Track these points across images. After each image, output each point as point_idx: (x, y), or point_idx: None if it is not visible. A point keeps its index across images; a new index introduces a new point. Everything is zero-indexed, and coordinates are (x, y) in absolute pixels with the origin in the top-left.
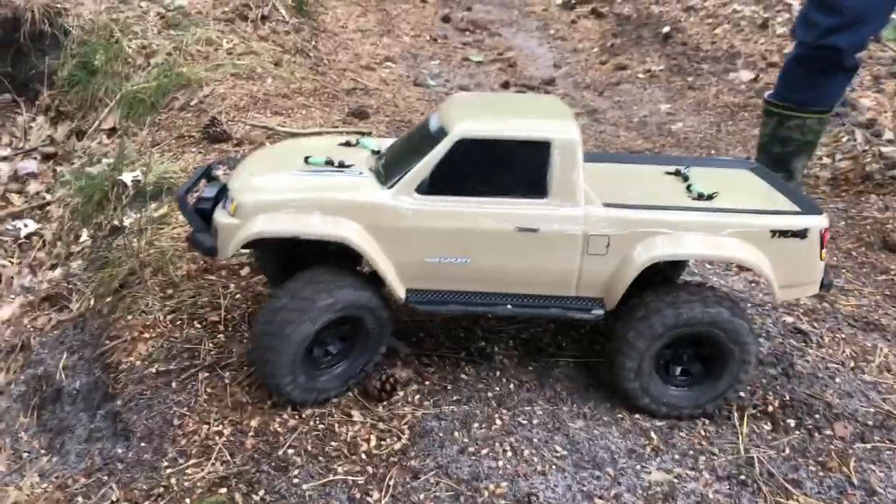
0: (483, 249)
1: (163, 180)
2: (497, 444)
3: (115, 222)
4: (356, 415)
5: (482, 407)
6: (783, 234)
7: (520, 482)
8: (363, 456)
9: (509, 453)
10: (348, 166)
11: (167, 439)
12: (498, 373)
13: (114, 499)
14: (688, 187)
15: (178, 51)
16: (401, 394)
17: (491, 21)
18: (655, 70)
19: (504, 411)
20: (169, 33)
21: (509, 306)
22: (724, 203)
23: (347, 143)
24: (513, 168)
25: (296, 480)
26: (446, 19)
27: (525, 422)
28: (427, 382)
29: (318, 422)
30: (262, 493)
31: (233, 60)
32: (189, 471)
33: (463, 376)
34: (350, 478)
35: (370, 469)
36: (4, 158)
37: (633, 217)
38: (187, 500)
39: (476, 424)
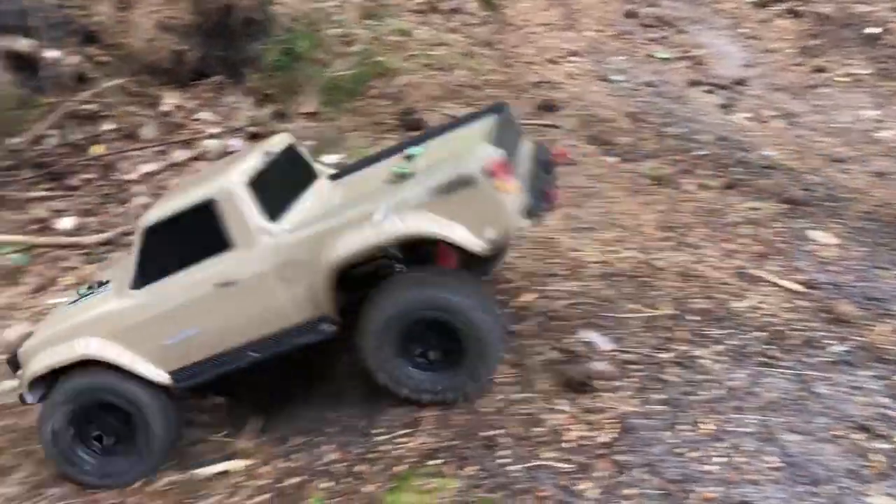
0: (203, 315)
1: None
2: (706, 448)
3: None
4: (561, 404)
5: (689, 410)
6: (449, 189)
7: (732, 490)
8: (569, 445)
9: (720, 459)
10: (104, 283)
11: (376, 409)
12: (705, 377)
13: (331, 458)
14: (398, 171)
15: (375, 40)
16: (604, 388)
17: (678, 17)
18: (860, 73)
19: (713, 416)
20: (366, 23)
21: (252, 353)
22: (413, 181)
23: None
24: (196, 234)
25: (503, 461)
26: (631, 14)
27: (735, 429)
28: (631, 380)
29: (521, 407)
30: (472, 468)
31: (425, 51)
32: (399, 440)
33: (668, 378)
34: (557, 464)
35: (577, 459)
36: (214, 136)
37: (306, 234)
38: (398, 468)
39: (683, 427)
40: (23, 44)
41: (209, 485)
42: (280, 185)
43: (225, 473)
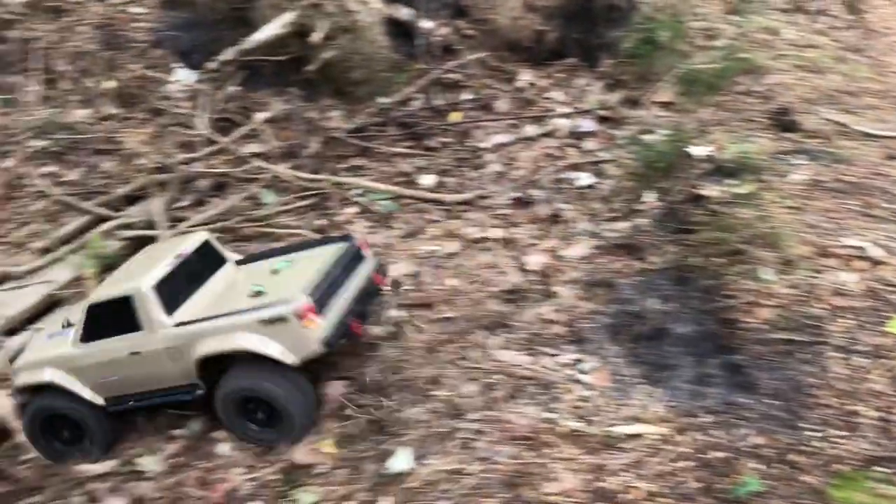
0: (122, 369)
1: (743, 158)
2: None
3: (694, 191)
4: None
5: None
6: (270, 321)
7: None
8: None
9: None
10: (72, 325)
11: (799, 404)
12: None
13: (757, 442)
14: (256, 289)
15: (741, 36)
16: None
17: None
18: None
19: None
20: (730, 18)
21: (153, 398)
22: (265, 297)
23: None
24: (120, 314)
25: None
26: None
27: None
28: None
29: None
30: None
31: (795, 51)
32: (836, 440)
33: None
34: None
35: None
36: (564, 115)
37: (185, 331)
38: (836, 466)
39: None
40: (404, 13)
41: (625, 442)
42: (184, 280)
43: (638, 436)
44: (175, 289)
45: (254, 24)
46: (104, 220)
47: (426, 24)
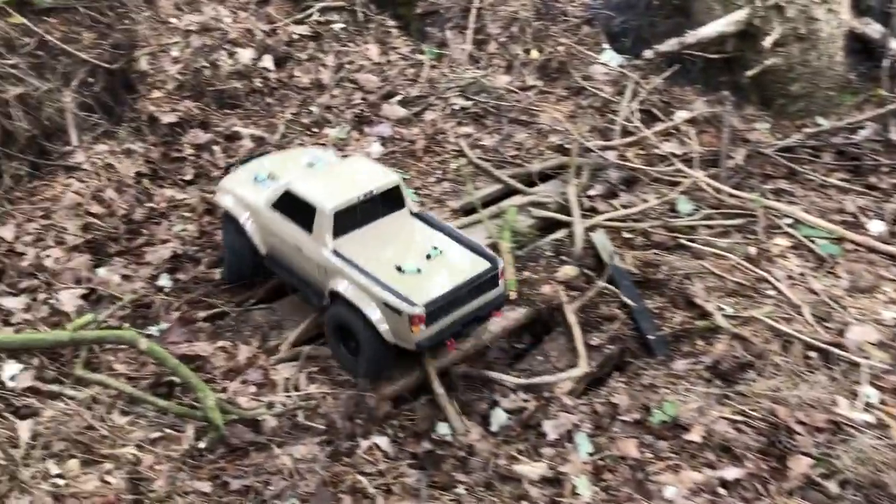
0: (285, 245)
1: None
2: None
3: None
4: None
5: None
6: (390, 307)
7: None
8: None
9: None
10: (274, 179)
11: None
12: None
13: None
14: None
15: None
16: None
17: None
18: None
19: None
20: None
21: (295, 282)
22: (403, 284)
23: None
24: (302, 212)
25: None
26: None
27: None
28: None
29: None
30: None
31: None
32: None
33: None
34: None
35: None
36: None
37: (334, 261)
38: None
39: None
40: (873, 29)
41: None
42: (363, 212)
43: None
44: (350, 218)
45: (693, 15)
46: (514, 192)
47: None
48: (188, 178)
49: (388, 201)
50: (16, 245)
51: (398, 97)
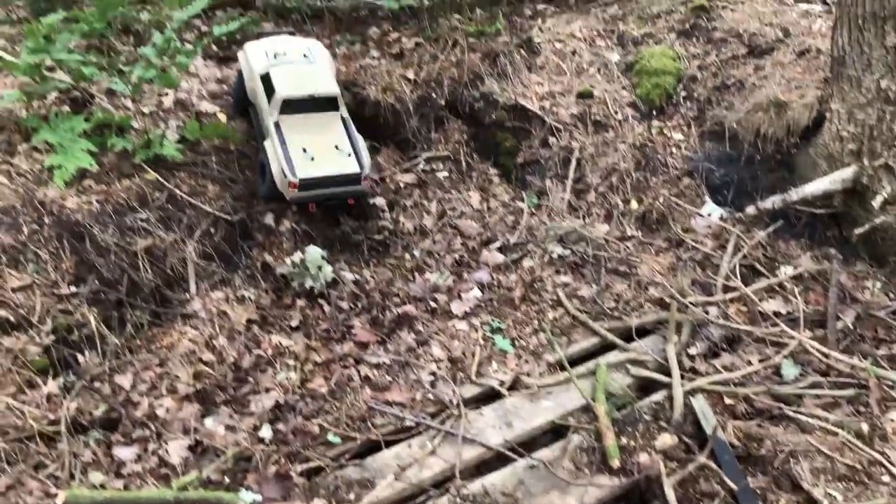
0: (257, 102)
1: None
2: None
3: None
4: None
5: None
6: (282, 170)
7: None
8: None
9: None
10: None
11: None
12: None
13: None
14: (308, 148)
15: None
16: None
17: None
18: None
19: None
20: None
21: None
22: (302, 157)
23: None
24: (269, 88)
25: None
26: None
27: None
28: None
29: None
30: None
31: None
32: None
33: None
34: None
35: None
36: None
37: (269, 129)
38: None
39: None
40: None
41: None
42: (301, 105)
43: None
44: (294, 105)
45: (796, 170)
46: (611, 346)
47: None
48: (294, 324)
49: (327, 102)
50: (132, 394)
51: (497, 243)
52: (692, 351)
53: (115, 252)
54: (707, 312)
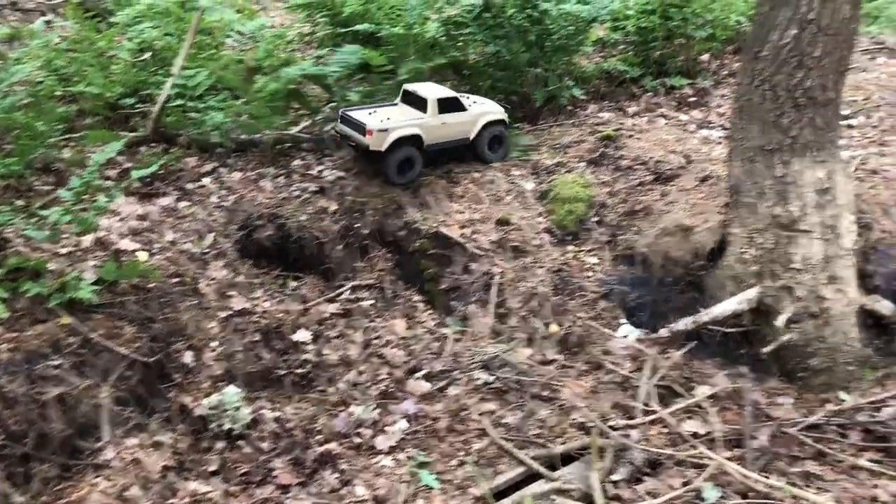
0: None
1: None
2: None
3: None
4: None
5: None
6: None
7: None
8: None
9: None
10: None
11: None
12: None
13: None
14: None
15: None
16: None
17: None
18: None
19: None
20: None
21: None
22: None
23: None
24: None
25: None
26: None
27: None
28: None
29: None
30: None
31: None
32: None
33: None
34: None
35: None
36: None
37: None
38: None
39: None
40: (884, 305)
41: None
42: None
43: None
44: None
45: (707, 290)
46: (538, 475)
47: None
48: (213, 468)
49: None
50: None
51: (423, 371)
52: (615, 477)
53: (24, 403)
54: (628, 436)
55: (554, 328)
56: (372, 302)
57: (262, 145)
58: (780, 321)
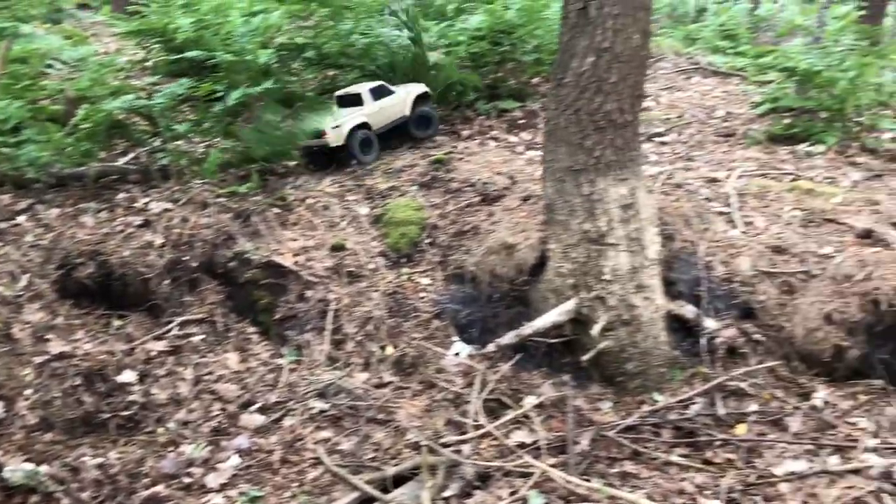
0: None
1: None
2: None
3: None
4: None
5: None
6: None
7: None
8: None
9: None
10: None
11: None
12: None
13: None
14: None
15: None
16: None
17: None
18: None
19: None
20: None
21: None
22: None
23: None
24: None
25: None
26: None
27: None
28: None
29: None
30: None
31: None
32: None
33: None
34: None
35: None
36: (873, 449)
37: None
38: None
39: None
40: (688, 310)
41: None
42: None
43: None
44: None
45: (532, 304)
46: (372, 499)
47: (711, 323)
48: None
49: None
50: None
51: (257, 404)
52: (447, 493)
53: None
54: (460, 452)
55: (390, 350)
56: (202, 337)
57: (86, 179)
58: (596, 330)
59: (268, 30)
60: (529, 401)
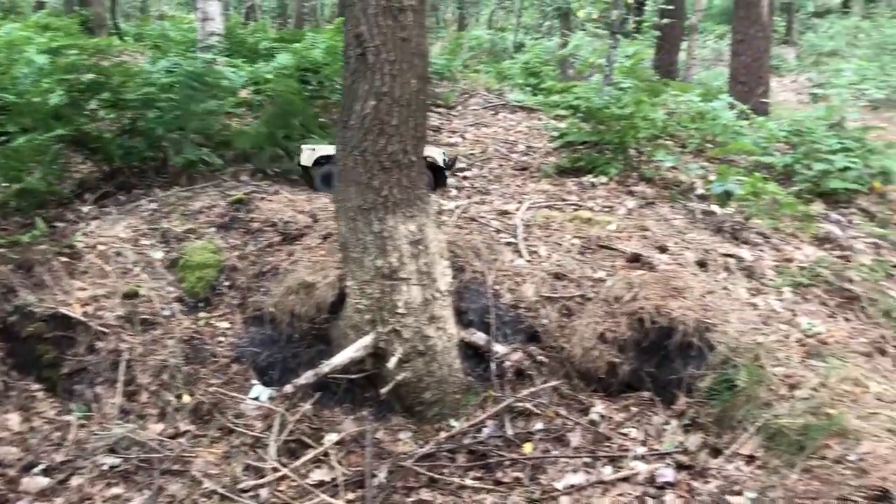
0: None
1: None
2: None
3: None
4: None
5: None
6: None
7: None
8: None
9: None
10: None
11: None
12: None
13: None
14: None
15: (822, 386)
16: None
17: None
18: None
19: None
20: (810, 363)
21: None
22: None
23: None
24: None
25: None
26: None
27: None
28: None
29: None
30: None
31: (888, 411)
32: None
33: None
34: None
35: None
36: (641, 457)
37: None
38: None
39: None
40: (478, 337)
41: None
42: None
43: None
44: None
45: (333, 341)
46: None
47: (500, 348)
48: None
49: None
50: None
51: (41, 466)
52: None
53: None
54: (258, 496)
55: (186, 398)
56: None
57: None
58: (392, 362)
59: (64, 69)
60: (330, 438)
